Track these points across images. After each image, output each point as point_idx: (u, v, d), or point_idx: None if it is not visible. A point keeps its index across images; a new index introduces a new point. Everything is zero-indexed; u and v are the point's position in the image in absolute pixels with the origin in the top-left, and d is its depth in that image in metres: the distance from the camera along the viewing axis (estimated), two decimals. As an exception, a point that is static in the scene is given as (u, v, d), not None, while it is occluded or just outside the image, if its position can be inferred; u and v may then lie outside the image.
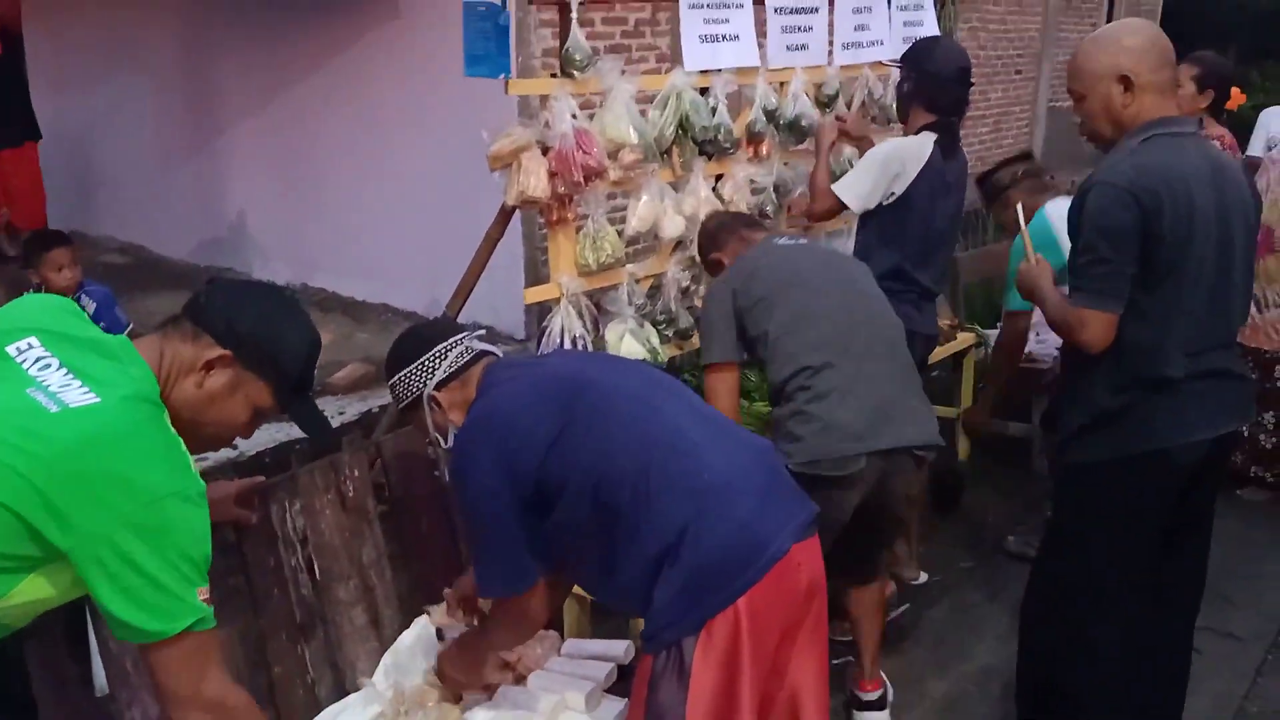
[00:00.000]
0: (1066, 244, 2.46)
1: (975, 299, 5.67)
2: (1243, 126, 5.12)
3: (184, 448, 1.60)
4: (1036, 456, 4.54)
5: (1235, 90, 4.63)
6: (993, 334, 4.52)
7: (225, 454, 3.39)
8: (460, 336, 2.10)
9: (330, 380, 4.45)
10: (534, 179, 2.93)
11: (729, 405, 2.76)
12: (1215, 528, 2.64)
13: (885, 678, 2.96)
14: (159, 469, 1.52)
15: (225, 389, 1.70)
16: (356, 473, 2.40)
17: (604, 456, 1.86)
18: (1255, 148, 4.96)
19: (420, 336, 2.12)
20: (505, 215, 3.08)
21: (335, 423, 4.10)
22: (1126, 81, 2.33)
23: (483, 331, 2.21)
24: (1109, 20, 11.71)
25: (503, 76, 2.98)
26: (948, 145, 3.37)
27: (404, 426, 2.43)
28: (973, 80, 3.46)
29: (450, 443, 2.03)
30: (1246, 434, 4.26)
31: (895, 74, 3.74)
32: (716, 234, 3.04)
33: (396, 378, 2.09)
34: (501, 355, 2.14)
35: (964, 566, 3.87)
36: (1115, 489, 2.43)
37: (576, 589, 2.37)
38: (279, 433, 3.68)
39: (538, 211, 3.10)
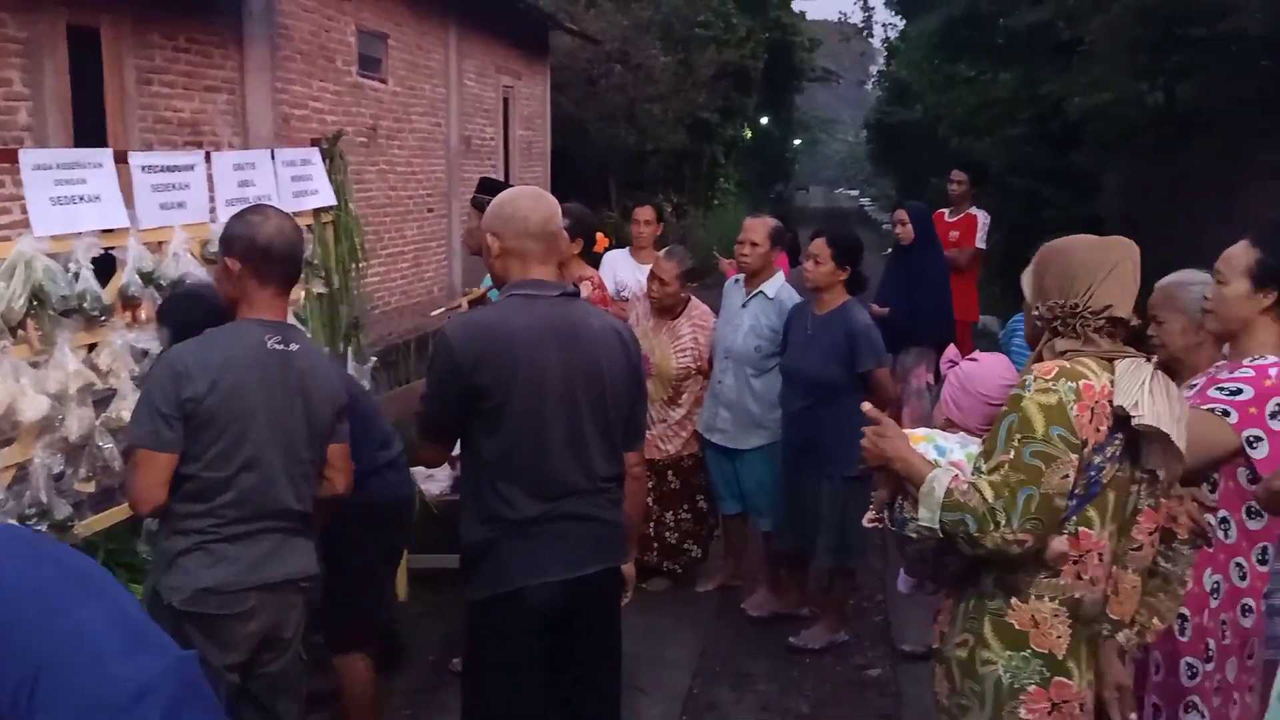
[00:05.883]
0: None
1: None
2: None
3: None
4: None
5: (600, 235, 5.36)
6: (435, 471, 4.60)
7: None
8: None
9: None
10: None
11: None
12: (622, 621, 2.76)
13: None
14: None
15: None
16: None
17: None
18: (609, 285, 5.76)
19: None
20: None
21: None
22: (492, 242, 2.59)
23: None
24: (506, 162, 12.98)
25: None
26: None
27: None
28: (387, 216, 3.61)
29: None
30: (654, 533, 4.85)
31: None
32: None
33: None
34: None
35: (406, 714, 3.86)
36: (489, 626, 2.56)
37: None
38: None
39: None
